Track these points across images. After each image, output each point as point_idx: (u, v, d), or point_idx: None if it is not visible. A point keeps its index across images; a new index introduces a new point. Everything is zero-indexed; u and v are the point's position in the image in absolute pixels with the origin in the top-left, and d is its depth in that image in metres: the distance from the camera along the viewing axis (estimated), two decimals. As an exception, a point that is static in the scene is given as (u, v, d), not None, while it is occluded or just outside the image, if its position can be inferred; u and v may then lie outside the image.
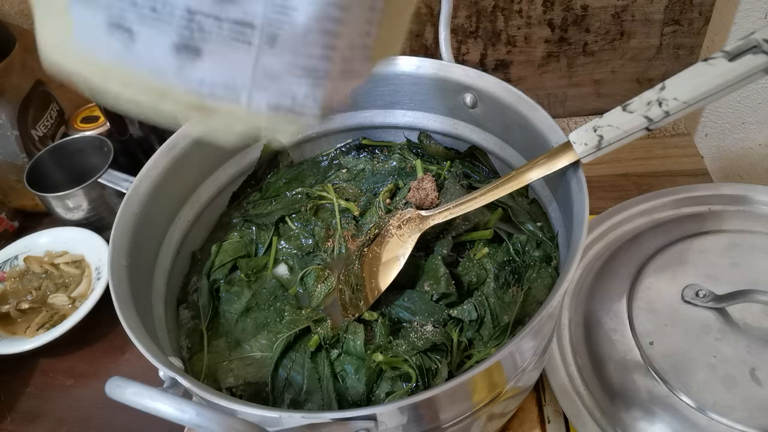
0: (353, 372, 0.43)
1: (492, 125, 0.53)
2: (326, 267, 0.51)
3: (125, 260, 0.43)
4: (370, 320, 0.46)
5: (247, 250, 0.54)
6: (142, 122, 0.74)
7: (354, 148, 0.61)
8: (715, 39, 0.78)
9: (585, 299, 0.55)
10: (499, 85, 0.49)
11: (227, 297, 0.50)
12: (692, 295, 0.50)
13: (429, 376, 0.42)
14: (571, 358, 0.52)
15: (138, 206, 0.46)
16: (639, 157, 0.76)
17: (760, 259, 0.52)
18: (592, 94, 0.82)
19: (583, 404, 0.49)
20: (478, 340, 0.44)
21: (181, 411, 0.28)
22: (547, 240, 0.49)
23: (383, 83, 0.55)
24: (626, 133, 0.39)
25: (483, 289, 0.47)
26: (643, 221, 0.61)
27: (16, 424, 0.62)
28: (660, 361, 0.47)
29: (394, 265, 0.46)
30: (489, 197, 0.44)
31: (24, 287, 0.70)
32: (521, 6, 0.73)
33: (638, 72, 0.79)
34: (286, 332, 0.46)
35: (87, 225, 0.71)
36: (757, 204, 0.59)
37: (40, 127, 0.77)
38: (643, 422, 0.46)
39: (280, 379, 0.44)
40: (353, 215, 0.54)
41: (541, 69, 0.80)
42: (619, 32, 0.75)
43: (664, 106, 0.37)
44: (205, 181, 0.54)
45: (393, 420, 0.33)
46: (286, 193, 0.58)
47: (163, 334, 0.45)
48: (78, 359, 0.66)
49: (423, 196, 0.52)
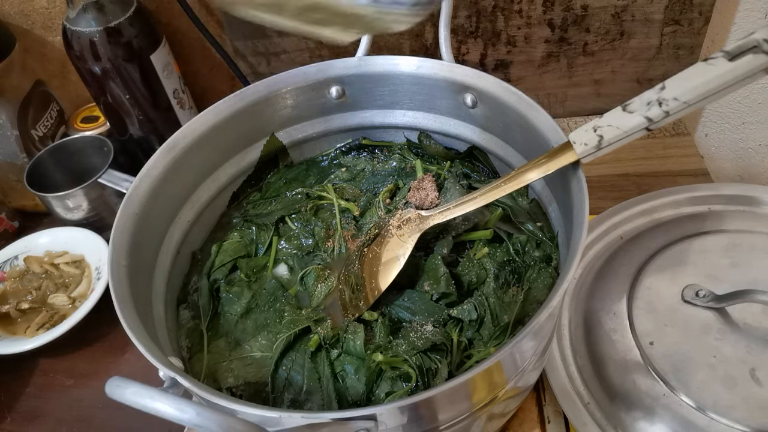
0: (353, 372, 0.43)
1: (492, 125, 0.53)
2: (326, 267, 0.51)
3: (125, 260, 0.43)
4: (370, 320, 0.46)
5: (247, 250, 0.54)
6: (142, 122, 0.74)
7: (354, 148, 0.61)
8: (715, 39, 0.78)
9: (585, 299, 0.55)
10: (499, 85, 0.49)
11: (227, 297, 0.50)
12: (692, 295, 0.50)
13: (429, 376, 0.42)
14: (571, 358, 0.52)
15: (138, 206, 0.46)
16: (639, 157, 0.76)
17: (760, 259, 0.52)
18: (592, 94, 0.82)
19: (583, 404, 0.49)
20: (478, 340, 0.44)
21: (181, 411, 0.28)
22: (547, 240, 0.49)
23: (383, 83, 0.55)
24: (626, 133, 0.39)
25: (483, 289, 0.47)
26: (643, 221, 0.61)
27: (16, 424, 0.62)
28: (660, 361, 0.47)
29: (394, 265, 0.46)
30: (489, 197, 0.44)
31: (24, 287, 0.70)
32: (521, 6, 0.73)
33: (638, 72, 0.79)
34: (286, 332, 0.46)
35: (87, 225, 0.72)
36: (757, 204, 0.59)
37: (40, 127, 0.77)
38: (643, 422, 0.46)
39: (280, 379, 0.44)
40: (353, 215, 0.54)
41: (541, 69, 0.80)
42: (619, 32, 0.75)
43: (664, 106, 0.37)
44: (205, 181, 0.54)
45: (393, 420, 0.33)
46: (286, 193, 0.58)
47: (163, 334, 0.45)
48: (78, 359, 0.66)
49: (423, 196, 0.52)
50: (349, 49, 0.79)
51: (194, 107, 0.80)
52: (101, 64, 0.68)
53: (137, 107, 0.73)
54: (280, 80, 0.54)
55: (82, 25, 0.66)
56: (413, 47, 0.79)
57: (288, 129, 0.58)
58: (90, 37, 0.66)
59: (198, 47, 0.82)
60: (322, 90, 0.56)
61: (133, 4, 0.68)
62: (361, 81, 0.55)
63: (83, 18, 0.66)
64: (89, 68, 0.68)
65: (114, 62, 0.68)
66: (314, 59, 0.80)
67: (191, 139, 0.50)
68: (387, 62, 0.54)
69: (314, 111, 0.57)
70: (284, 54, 0.80)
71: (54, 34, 0.81)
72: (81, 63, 0.68)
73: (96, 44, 0.66)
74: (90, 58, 0.67)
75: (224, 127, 0.52)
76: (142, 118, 0.74)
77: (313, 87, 0.55)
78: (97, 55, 0.67)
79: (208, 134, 0.52)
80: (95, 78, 0.69)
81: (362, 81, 0.55)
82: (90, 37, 0.66)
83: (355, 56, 0.55)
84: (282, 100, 0.55)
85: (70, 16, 0.66)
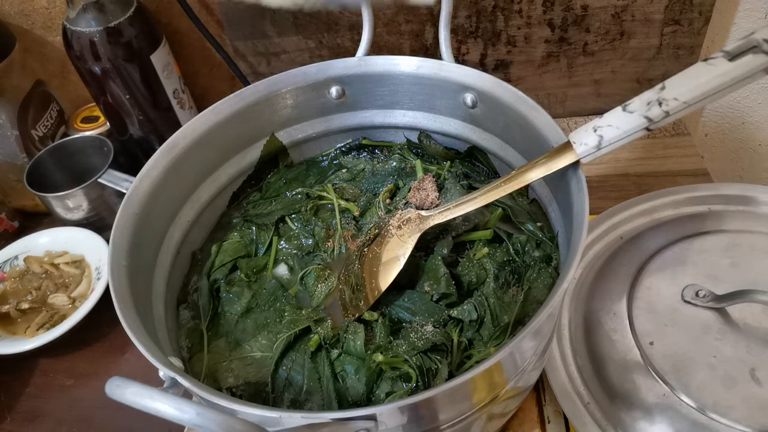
0: (353, 372, 0.43)
1: (492, 125, 0.53)
2: (326, 267, 0.51)
3: (125, 260, 0.43)
4: (371, 320, 0.46)
5: (247, 250, 0.54)
6: (142, 122, 0.74)
7: (354, 148, 0.61)
8: (715, 39, 0.78)
9: (585, 299, 0.55)
10: (499, 85, 0.49)
11: (227, 297, 0.50)
12: (692, 295, 0.50)
13: (429, 376, 0.42)
14: (571, 358, 0.52)
15: (138, 206, 0.46)
16: (639, 157, 0.76)
17: (760, 259, 0.52)
18: (592, 94, 0.82)
19: (583, 404, 0.49)
20: (478, 340, 0.44)
21: (181, 411, 0.28)
22: (547, 240, 0.49)
23: (383, 83, 0.55)
24: (626, 133, 0.39)
25: (483, 289, 0.47)
26: (643, 221, 0.61)
27: (16, 424, 0.62)
28: (660, 361, 0.47)
29: (394, 265, 0.46)
30: (489, 197, 0.44)
31: (24, 287, 0.70)
32: (521, 6, 0.73)
33: (638, 72, 0.79)
34: (286, 332, 0.46)
35: (87, 225, 0.72)
36: (757, 204, 0.59)
37: (40, 127, 0.77)
38: (643, 422, 0.46)
39: (280, 379, 0.44)
40: (353, 215, 0.54)
41: (541, 69, 0.80)
42: (619, 32, 0.75)
43: (664, 106, 0.37)
44: (205, 181, 0.54)
45: (393, 420, 0.33)
46: (286, 193, 0.58)
47: (163, 334, 0.45)
48: (78, 359, 0.66)
49: (424, 197, 0.52)
50: (349, 49, 0.79)
51: (194, 107, 0.80)
52: (101, 64, 0.68)
53: (137, 107, 0.73)
54: (280, 80, 0.54)
55: (82, 25, 0.66)
56: (413, 47, 0.79)
57: (288, 129, 0.58)
58: (90, 37, 0.66)
59: (198, 47, 0.82)
60: (322, 90, 0.56)
61: (133, 4, 0.68)
62: (361, 81, 0.55)
63: (83, 18, 0.66)
64: (89, 68, 0.68)
65: (114, 62, 0.68)
66: (314, 59, 0.80)
67: (191, 139, 0.50)
68: (387, 62, 0.54)
69: (314, 111, 0.57)
70: (284, 54, 0.80)
71: (54, 34, 0.81)
72: (81, 63, 0.68)
73: (96, 44, 0.66)
74: (90, 58, 0.67)
75: (224, 127, 0.52)
76: (142, 118, 0.74)
77: (313, 87, 0.55)
78: (97, 55, 0.67)
79: (208, 134, 0.52)
80: (95, 78, 0.69)
81: (362, 81, 0.55)
82: (90, 37, 0.66)
83: (355, 56, 0.55)
84: (282, 100, 0.55)
85: (70, 16, 0.66)
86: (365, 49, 0.55)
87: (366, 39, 0.56)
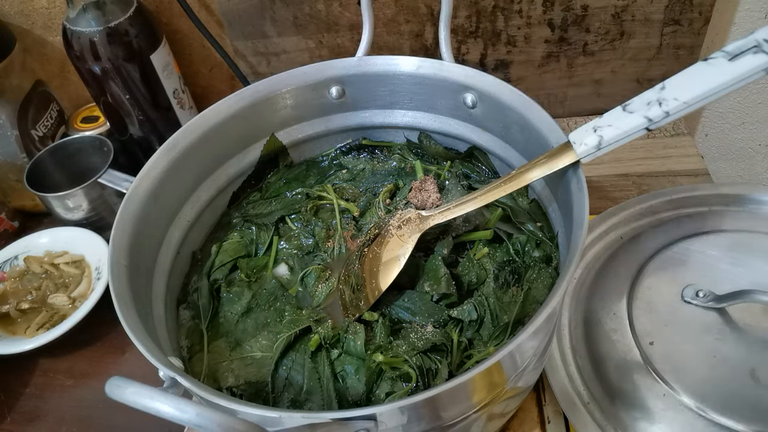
0: (353, 372, 0.43)
1: (492, 125, 0.53)
2: (326, 267, 0.51)
3: (125, 260, 0.43)
4: (371, 320, 0.46)
5: (248, 250, 0.54)
6: (142, 122, 0.74)
7: (354, 148, 0.61)
8: (715, 39, 0.78)
9: (585, 299, 0.55)
10: (499, 85, 0.49)
11: (227, 297, 0.50)
12: (692, 295, 0.50)
13: (429, 377, 0.42)
14: (571, 358, 0.52)
15: (138, 206, 0.46)
16: (639, 157, 0.76)
17: (760, 259, 0.52)
18: (592, 94, 0.82)
19: (583, 404, 0.49)
20: (478, 341, 0.44)
21: (181, 411, 0.28)
22: (547, 240, 0.49)
23: (383, 83, 0.55)
24: (626, 133, 0.39)
25: (483, 290, 0.47)
26: (643, 221, 0.61)
27: (16, 424, 0.62)
28: (660, 361, 0.47)
29: (395, 266, 0.46)
30: (489, 197, 0.44)
31: (24, 287, 0.70)
32: (521, 6, 0.73)
33: (638, 72, 0.79)
34: (286, 332, 0.46)
35: (87, 225, 0.71)
36: (757, 204, 0.59)
37: (40, 127, 0.77)
38: (643, 422, 0.46)
39: (280, 379, 0.44)
40: (353, 215, 0.54)
41: (541, 69, 0.80)
42: (619, 32, 0.75)
43: (664, 106, 0.37)
44: (205, 181, 0.54)
45: (393, 420, 0.33)
46: (286, 193, 0.58)
47: (163, 334, 0.45)
48: (78, 359, 0.66)
49: (425, 198, 0.52)
50: (349, 49, 0.79)
51: (194, 107, 0.80)
52: (101, 64, 0.68)
53: (137, 107, 0.73)
54: (280, 80, 0.54)
55: (82, 25, 0.66)
56: (413, 47, 0.79)
57: (288, 129, 0.58)
58: (90, 37, 0.66)
59: (198, 47, 0.82)
60: (322, 90, 0.56)
61: (133, 4, 0.68)
62: (361, 81, 0.55)
63: (83, 18, 0.66)
64: (89, 68, 0.68)
65: (114, 62, 0.68)
66: (314, 59, 0.80)
67: (191, 139, 0.50)
68: (387, 62, 0.54)
69: (314, 111, 0.57)
70: (284, 54, 0.80)
71: (54, 34, 0.81)
72: (81, 63, 0.68)
73: (96, 44, 0.66)
74: (90, 58, 0.67)
75: (224, 127, 0.52)
76: (142, 118, 0.74)
77: (313, 87, 0.55)
78: (97, 55, 0.67)
79: (208, 134, 0.52)
80: (95, 78, 0.69)
81: (362, 81, 0.55)
82: (90, 37, 0.66)
83: (355, 56, 0.55)
84: (282, 100, 0.55)
85: (70, 16, 0.66)
86: (365, 49, 0.55)
87: (366, 39, 0.56)
